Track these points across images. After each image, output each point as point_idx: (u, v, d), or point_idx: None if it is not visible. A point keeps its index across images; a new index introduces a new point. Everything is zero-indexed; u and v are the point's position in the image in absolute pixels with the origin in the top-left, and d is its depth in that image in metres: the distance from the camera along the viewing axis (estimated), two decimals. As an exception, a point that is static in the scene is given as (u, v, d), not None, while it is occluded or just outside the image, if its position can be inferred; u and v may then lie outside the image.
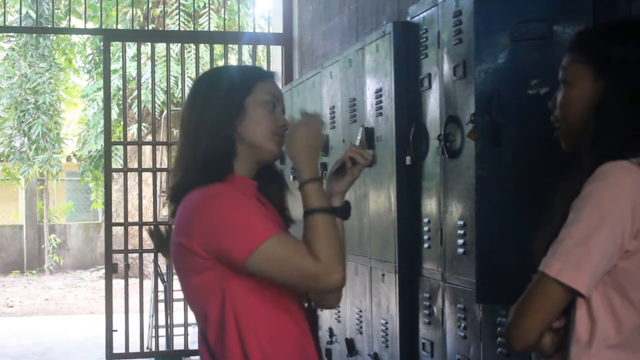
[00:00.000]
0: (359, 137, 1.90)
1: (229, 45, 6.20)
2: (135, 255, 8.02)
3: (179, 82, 10.82)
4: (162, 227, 1.78)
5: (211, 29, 7.44)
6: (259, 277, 1.57)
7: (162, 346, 6.00)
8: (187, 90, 7.86)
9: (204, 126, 1.65)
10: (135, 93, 8.23)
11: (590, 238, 1.39)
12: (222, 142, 1.64)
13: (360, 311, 3.52)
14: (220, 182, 1.62)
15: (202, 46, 7.04)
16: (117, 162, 10.67)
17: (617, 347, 1.44)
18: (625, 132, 1.46)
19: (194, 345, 5.61)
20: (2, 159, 14.26)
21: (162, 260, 7.03)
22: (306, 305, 1.75)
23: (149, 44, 6.04)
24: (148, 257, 7.49)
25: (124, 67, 5.85)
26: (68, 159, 15.61)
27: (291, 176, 4.49)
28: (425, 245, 2.88)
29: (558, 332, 1.48)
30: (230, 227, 1.54)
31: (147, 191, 7.26)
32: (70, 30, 7.96)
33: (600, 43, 1.52)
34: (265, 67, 5.66)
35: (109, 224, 5.75)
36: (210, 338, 1.61)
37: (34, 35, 13.07)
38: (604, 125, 1.48)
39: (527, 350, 1.49)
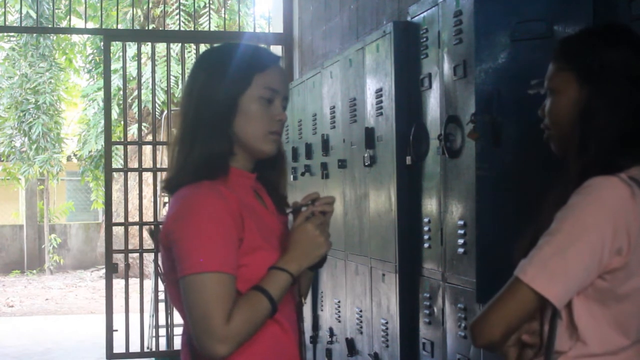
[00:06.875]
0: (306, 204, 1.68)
1: (229, 45, 6.20)
2: (136, 255, 8.02)
3: (179, 82, 10.82)
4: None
5: (211, 29, 7.44)
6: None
7: (163, 346, 6.00)
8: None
9: (200, 125, 1.60)
10: (136, 93, 8.23)
11: (568, 249, 1.39)
12: (218, 143, 1.60)
13: (361, 311, 3.52)
14: (214, 179, 1.58)
15: (202, 46, 7.03)
16: (117, 162, 10.68)
17: (597, 356, 1.45)
18: (611, 137, 1.47)
19: (194, 345, 5.59)
20: (2, 159, 14.26)
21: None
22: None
23: (149, 43, 6.04)
24: (148, 257, 7.50)
25: (124, 67, 5.85)
26: (68, 158, 15.61)
27: (291, 176, 4.49)
28: (426, 245, 2.88)
29: (524, 347, 1.49)
30: (186, 243, 1.52)
31: (148, 191, 7.25)
32: (70, 30, 7.95)
33: (583, 50, 1.52)
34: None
35: (109, 224, 5.75)
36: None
37: (34, 35, 13.07)
38: (589, 131, 1.48)
39: (488, 348, 1.48)
